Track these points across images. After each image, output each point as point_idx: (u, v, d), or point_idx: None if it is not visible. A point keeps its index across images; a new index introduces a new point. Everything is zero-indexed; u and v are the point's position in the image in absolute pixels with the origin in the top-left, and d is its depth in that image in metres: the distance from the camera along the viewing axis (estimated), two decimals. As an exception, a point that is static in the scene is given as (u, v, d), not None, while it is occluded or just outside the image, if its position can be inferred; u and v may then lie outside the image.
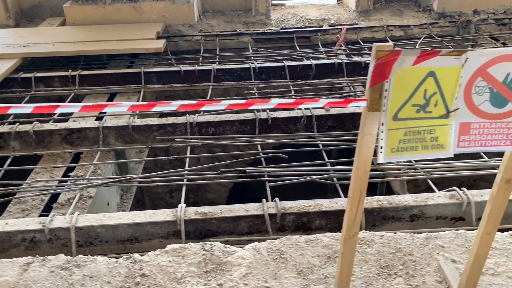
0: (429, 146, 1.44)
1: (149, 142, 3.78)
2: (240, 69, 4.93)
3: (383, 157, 1.43)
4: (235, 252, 2.25)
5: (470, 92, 1.38)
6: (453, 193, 2.71)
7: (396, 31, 6.20)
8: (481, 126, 1.43)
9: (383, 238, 2.33)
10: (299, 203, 2.67)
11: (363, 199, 1.59)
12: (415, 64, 1.32)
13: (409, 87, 1.36)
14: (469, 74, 1.35)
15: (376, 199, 2.68)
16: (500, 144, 1.45)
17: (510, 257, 2.19)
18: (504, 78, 1.35)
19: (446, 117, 1.42)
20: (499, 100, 1.39)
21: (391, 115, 1.39)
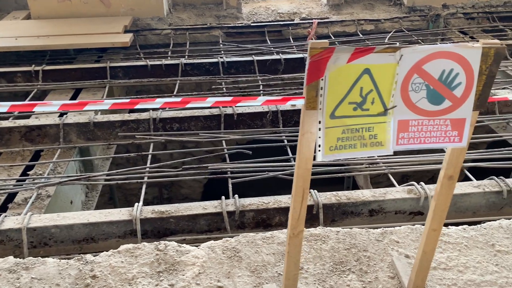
0: (367, 143, 1.43)
1: (112, 138, 3.70)
2: (208, 63, 4.87)
3: (321, 156, 1.41)
4: (189, 251, 2.22)
5: (407, 89, 1.36)
6: (411, 188, 2.73)
7: (367, 25, 6.21)
8: (420, 123, 1.42)
9: (338, 234, 2.32)
10: (258, 200, 2.65)
11: (306, 197, 1.58)
12: (350, 62, 1.31)
13: (345, 85, 1.34)
14: (405, 71, 1.33)
15: (334, 195, 2.68)
16: (439, 141, 1.44)
17: (463, 251, 2.21)
18: (440, 75, 1.34)
19: (384, 114, 1.40)
20: (436, 97, 1.38)
21: (328, 113, 1.37)
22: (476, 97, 1.39)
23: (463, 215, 2.79)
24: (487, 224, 2.38)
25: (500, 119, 3.74)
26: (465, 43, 1.28)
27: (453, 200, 2.72)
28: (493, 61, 1.32)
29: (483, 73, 1.34)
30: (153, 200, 6.47)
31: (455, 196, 2.72)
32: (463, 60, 1.31)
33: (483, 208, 2.78)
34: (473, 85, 1.35)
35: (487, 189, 2.71)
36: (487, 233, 2.32)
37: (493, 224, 2.38)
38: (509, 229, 2.34)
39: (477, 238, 2.28)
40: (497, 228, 2.35)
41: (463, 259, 2.16)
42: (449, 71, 1.33)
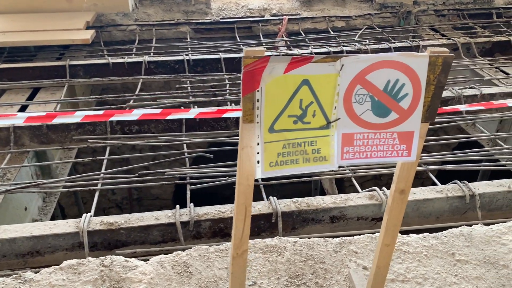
0: (311, 158, 1.32)
1: (68, 142, 3.52)
2: (173, 61, 4.71)
3: (261, 172, 1.30)
4: (136, 267, 2.09)
5: (350, 101, 1.26)
6: (373, 194, 2.65)
7: (338, 21, 6.13)
8: (365, 137, 1.32)
9: (296, 245, 2.22)
10: (214, 209, 2.53)
11: (249, 215, 1.46)
12: (287, 72, 1.19)
13: (283, 97, 1.23)
14: (347, 81, 1.23)
15: (294, 202, 2.58)
16: (387, 156, 1.34)
17: (422, 261, 2.14)
18: (385, 85, 1.24)
19: (327, 127, 1.30)
20: (381, 109, 1.28)
21: (267, 126, 1.26)
22: (425, 109, 1.29)
23: (427, 220, 2.73)
24: (448, 232, 2.32)
25: (466, 119, 3.70)
26: (411, 53, 1.18)
27: (416, 205, 2.66)
28: (441, 71, 1.22)
29: (431, 84, 1.25)
30: (122, 200, 6.30)
31: (418, 202, 2.66)
32: (409, 70, 1.21)
33: (446, 213, 2.72)
34: (421, 96, 1.25)
35: (450, 194, 2.65)
36: (448, 242, 2.25)
37: (454, 232, 2.32)
38: (470, 236, 2.28)
39: (437, 247, 2.22)
40: (458, 236, 2.29)
41: (422, 270, 2.09)
42: (395, 82, 1.23)
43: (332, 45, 5.14)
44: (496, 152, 3.29)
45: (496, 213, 2.78)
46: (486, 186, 2.70)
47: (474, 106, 2.70)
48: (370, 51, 4.88)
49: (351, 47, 4.96)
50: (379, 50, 4.93)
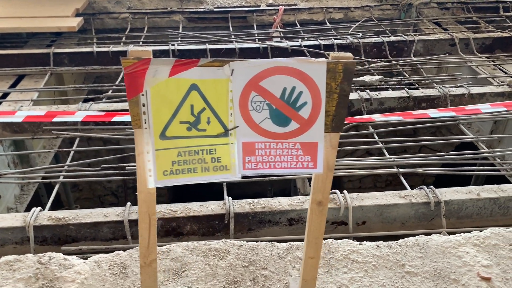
0: (210, 167, 1.24)
1: (40, 132, 3.49)
2: (159, 51, 4.63)
3: (153, 181, 1.22)
4: (72, 266, 2.04)
5: (247, 108, 1.17)
6: (332, 197, 2.54)
7: (335, 13, 5.96)
8: (267, 146, 1.22)
9: (240, 249, 2.15)
10: (166, 207, 2.46)
11: (154, 224, 1.39)
12: (173, 75, 1.10)
13: (171, 102, 1.14)
14: (240, 88, 1.13)
15: (249, 203, 2.49)
16: (291, 166, 1.25)
17: (370, 271, 2.04)
18: (281, 93, 1.14)
19: (225, 135, 1.21)
20: (281, 118, 1.18)
21: (157, 133, 1.18)
22: (330, 119, 1.19)
23: (391, 226, 2.62)
24: (404, 241, 2.21)
25: (451, 120, 3.54)
26: (307, 58, 1.08)
27: (379, 210, 2.55)
28: (343, 78, 1.12)
29: (333, 92, 1.14)
30: (118, 188, 6.30)
31: (381, 207, 2.55)
32: (306, 77, 1.11)
33: (412, 219, 2.61)
34: (321, 105, 1.15)
35: (414, 200, 2.53)
36: (401, 251, 2.15)
37: (410, 241, 2.21)
38: (426, 247, 2.17)
39: (388, 256, 2.11)
40: (413, 246, 2.18)
41: (367, 281, 1.99)
42: (291, 89, 1.13)
43: (324, 37, 4.99)
44: (475, 155, 3.15)
45: (466, 221, 2.66)
46: (454, 193, 2.57)
47: (445, 111, 2.55)
48: (362, 45, 4.72)
49: (343, 40, 4.80)
50: (372, 44, 4.77)
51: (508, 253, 2.12)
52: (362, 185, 5.95)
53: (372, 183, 6.68)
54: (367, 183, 5.95)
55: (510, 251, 2.13)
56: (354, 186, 6.05)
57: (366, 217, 2.57)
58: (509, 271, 2.03)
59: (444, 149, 5.81)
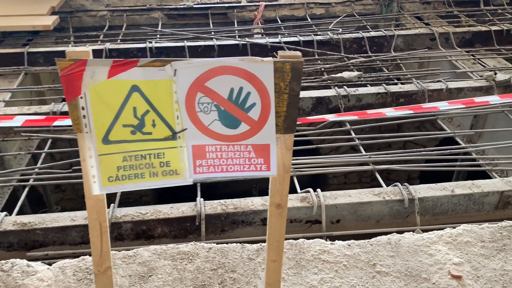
0: (159, 172, 1.19)
1: (12, 133, 3.41)
2: (136, 49, 4.55)
3: (98, 188, 1.17)
4: (36, 272, 1.98)
5: (194, 110, 1.12)
6: (306, 196, 2.51)
7: (317, 8, 5.91)
8: (218, 149, 1.18)
9: (210, 252, 2.10)
10: (135, 210, 2.41)
11: (105, 231, 1.34)
12: (112, 77, 1.05)
13: (112, 104, 1.09)
14: (185, 88, 1.08)
15: (221, 204, 2.45)
16: (244, 170, 1.21)
17: (340, 272, 2.01)
18: (229, 94, 1.10)
19: (173, 138, 1.16)
20: (230, 120, 1.14)
21: (100, 137, 1.12)
22: (282, 120, 1.15)
23: (365, 224, 2.59)
24: (376, 240, 2.18)
25: (429, 115, 3.52)
26: (253, 58, 1.03)
27: (353, 208, 2.53)
28: (292, 78, 1.07)
29: (283, 92, 1.10)
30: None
31: (355, 205, 2.52)
32: (253, 77, 1.07)
33: (387, 216, 2.58)
34: (271, 106, 1.10)
35: (388, 198, 2.51)
36: (372, 251, 2.12)
37: (382, 240, 2.18)
38: (397, 245, 2.14)
39: (360, 256, 2.08)
40: (385, 245, 2.15)
41: (337, 281, 1.96)
42: (239, 90, 1.09)
43: (304, 33, 4.95)
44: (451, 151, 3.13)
45: (441, 218, 2.64)
46: (429, 190, 2.55)
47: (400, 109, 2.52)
48: (342, 41, 4.69)
49: (323, 36, 4.76)
50: (352, 39, 4.73)
51: (479, 250, 2.11)
52: (347, 181, 5.94)
53: (358, 179, 6.67)
54: (352, 178, 5.93)
55: (482, 248, 2.11)
56: (339, 182, 6.03)
57: (340, 215, 2.54)
58: (480, 269, 2.01)
59: (428, 144, 5.82)
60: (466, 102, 3.13)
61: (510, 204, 2.63)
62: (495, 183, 2.61)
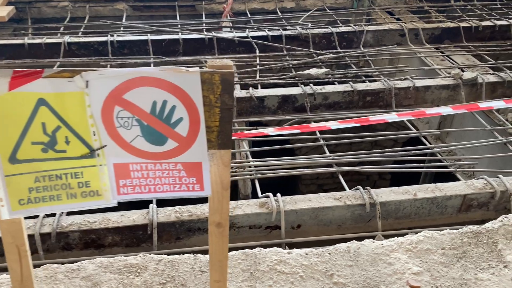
0: (77, 193, 1.06)
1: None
2: (97, 42, 4.35)
3: (7, 212, 1.03)
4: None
5: (112, 125, 0.99)
6: (265, 201, 2.41)
7: (287, 2, 5.80)
8: (144, 168, 1.06)
9: (159, 264, 1.98)
10: (82, 219, 2.27)
11: (25, 255, 1.20)
12: (14, 89, 0.91)
13: (18, 120, 0.96)
14: (99, 102, 0.96)
15: (175, 211, 2.33)
16: (175, 190, 1.09)
17: (296, 283, 1.92)
18: (152, 107, 0.97)
19: (92, 156, 1.03)
20: (155, 136, 1.02)
21: (5, 156, 0.99)
22: (215, 135, 1.03)
23: (327, 229, 2.51)
24: (334, 248, 2.10)
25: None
26: (176, 68, 0.91)
27: (314, 213, 2.44)
28: (223, 90, 0.96)
29: (214, 106, 0.98)
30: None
31: (316, 210, 2.43)
32: (177, 89, 0.95)
33: (349, 221, 2.51)
34: (200, 121, 0.99)
35: (349, 202, 2.43)
36: (330, 260, 2.03)
37: (341, 248, 2.10)
38: (356, 254, 2.06)
39: (317, 266, 2.00)
40: (343, 253, 2.07)
41: (292, 294, 1.87)
42: (162, 103, 0.97)
43: (273, 28, 4.83)
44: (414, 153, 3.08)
45: (404, 221, 2.59)
46: (391, 194, 2.49)
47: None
48: (311, 36, 4.59)
49: (292, 31, 4.65)
50: (321, 34, 4.64)
51: (439, 258, 2.05)
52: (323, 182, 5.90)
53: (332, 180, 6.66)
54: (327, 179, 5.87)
55: (442, 256, 2.06)
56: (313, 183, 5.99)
57: (301, 220, 2.46)
58: (439, 278, 1.96)
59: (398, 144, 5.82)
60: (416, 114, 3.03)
61: (473, 207, 2.59)
62: (458, 186, 2.56)
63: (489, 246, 2.11)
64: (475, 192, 2.53)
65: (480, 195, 2.54)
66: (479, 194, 2.54)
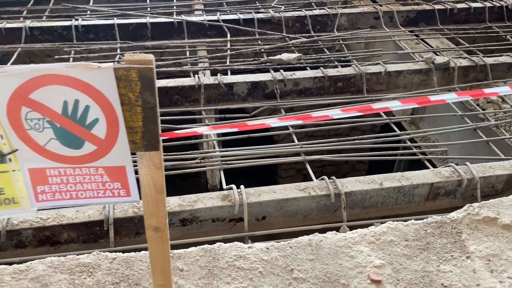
0: (-9, 202, 0.96)
1: None
2: (61, 27, 4.17)
3: None
4: None
5: (22, 127, 0.90)
6: (227, 193, 2.34)
7: (262, -16, 5.63)
8: (63, 173, 0.97)
9: (113, 262, 1.90)
10: (35, 216, 2.16)
11: None
12: None
13: None
14: (2, 103, 0.85)
15: (133, 206, 2.24)
16: (99, 196, 1.01)
17: (255, 280, 1.86)
18: (63, 108, 0.88)
19: (3, 161, 0.93)
20: (71, 139, 0.93)
21: None
22: (139, 136, 0.94)
23: (293, 220, 2.46)
24: (296, 241, 2.05)
25: (366, 100, 3.41)
26: (86, 64, 0.82)
27: (279, 204, 2.39)
28: (143, 88, 0.86)
29: (134, 105, 0.89)
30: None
31: (281, 201, 2.37)
32: (89, 87, 0.85)
33: (315, 211, 2.46)
34: (119, 122, 0.90)
35: (313, 193, 2.38)
36: (291, 254, 1.98)
37: (302, 241, 2.05)
38: (318, 247, 2.01)
39: (277, 261, 1.94)
40: (305, 247, 2.02)
41: (251, 291, 1.82)
42: (74, 103, 0.87)
43: (245, 11, 4.69)
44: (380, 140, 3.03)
45: (371, 211, 2.55)
46: (356, 183, 2.44)
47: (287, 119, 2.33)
48: (284, 19, 4.48)
49: (264, 14, 4.53)
50: (294, 18, 4.53)
51: (402, 249, 2.01)
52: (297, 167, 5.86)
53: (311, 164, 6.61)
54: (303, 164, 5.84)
55: (405, 248, 2.02)
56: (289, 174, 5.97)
57: (266, 212, 2.40)
58: (401, 271, 1.92)
59: (375, 128, 5.79)
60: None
61: (440, 195, 2.56)
62: (424, 175, 2.53)
63: (453, 236, 2.08)
64: (442, 181, 2.50)
65: (447, 183, 2.51)
66: (446, 182, 2.51)
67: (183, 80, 3.33)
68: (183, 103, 3.38)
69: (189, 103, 3.38)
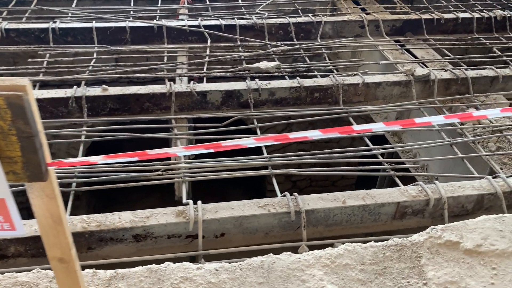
0: None
1: None
2: (38, 29, 4.10)
3: None
4: None
5: None
6: (183, 209, 2.26)
7: (250, -12, 5.56)
8: None
9: (53, 282, 1.82)
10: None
11: None
12: None
13: None
14: None
15: (83, 220, 2.16)
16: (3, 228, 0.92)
17: (199, 303, 1.78)
18: None
19: None
20: None
21: None
22: (19, 166, 0.86)
23: (253, 237, 2.38)
24: (247, 263, 1.96)
25: (342, 112, 3.33)
26: None
27: (238, 221, 2.30)
28: (14, 116, 0.79)
29: (8, 134, 0.81)
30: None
31: (239, 218, 2.29)
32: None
33: (276, 228, 2.38)
34: (-9, 153, 0.82)
35: (273, 210, 2.30)
36: (241, 276, 1.90)
37: (254, 263, 1.96)
38: (270, 270, 1.93)
39: (225, 284, 1.86)
40: (256, 269, 1.93)
41: (193, 316, 1.73)
42: None
43: (227, 17, 4.62)
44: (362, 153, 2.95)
45: (336, 229, 2.47)
46: (319, 201, 2.36)
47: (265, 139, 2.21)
48: (267, 26, 4.40)
49: (247, 21, 4.45)
50: (277, 25, 4.45)
51: (357, 274, 1.93)
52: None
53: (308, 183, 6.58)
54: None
55: (360, 272, 1.94)
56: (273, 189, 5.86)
57: (225, 228, 2.32)
58: (353, 297, 1.84)
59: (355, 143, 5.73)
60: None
61: (408, 215, 2.48)
62: (390, 193, 2.44)
63: (412, 261, 1.99)
64: (408, 200, 2.41)
65: (414, 203, 2.43)
66: (413, 202, 2.42)
67: (154, 87, 3.26)
68: (155, 111, 3.30)
69: (161, 110, 3.31)
